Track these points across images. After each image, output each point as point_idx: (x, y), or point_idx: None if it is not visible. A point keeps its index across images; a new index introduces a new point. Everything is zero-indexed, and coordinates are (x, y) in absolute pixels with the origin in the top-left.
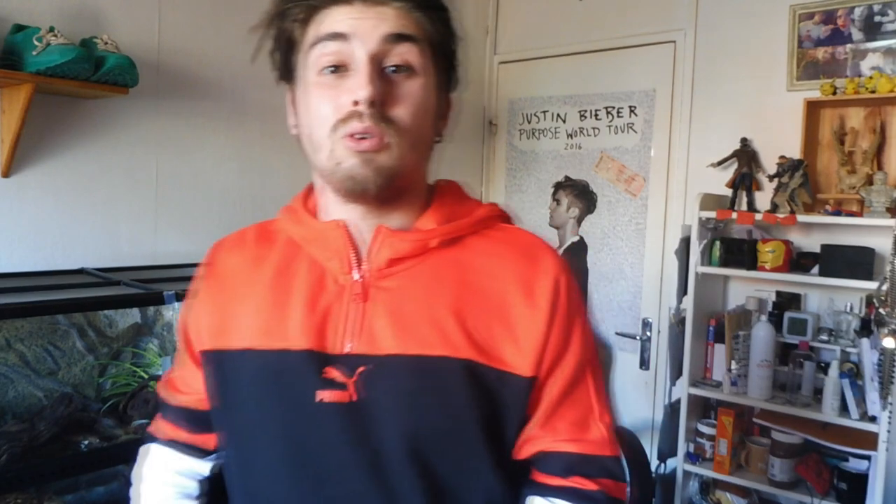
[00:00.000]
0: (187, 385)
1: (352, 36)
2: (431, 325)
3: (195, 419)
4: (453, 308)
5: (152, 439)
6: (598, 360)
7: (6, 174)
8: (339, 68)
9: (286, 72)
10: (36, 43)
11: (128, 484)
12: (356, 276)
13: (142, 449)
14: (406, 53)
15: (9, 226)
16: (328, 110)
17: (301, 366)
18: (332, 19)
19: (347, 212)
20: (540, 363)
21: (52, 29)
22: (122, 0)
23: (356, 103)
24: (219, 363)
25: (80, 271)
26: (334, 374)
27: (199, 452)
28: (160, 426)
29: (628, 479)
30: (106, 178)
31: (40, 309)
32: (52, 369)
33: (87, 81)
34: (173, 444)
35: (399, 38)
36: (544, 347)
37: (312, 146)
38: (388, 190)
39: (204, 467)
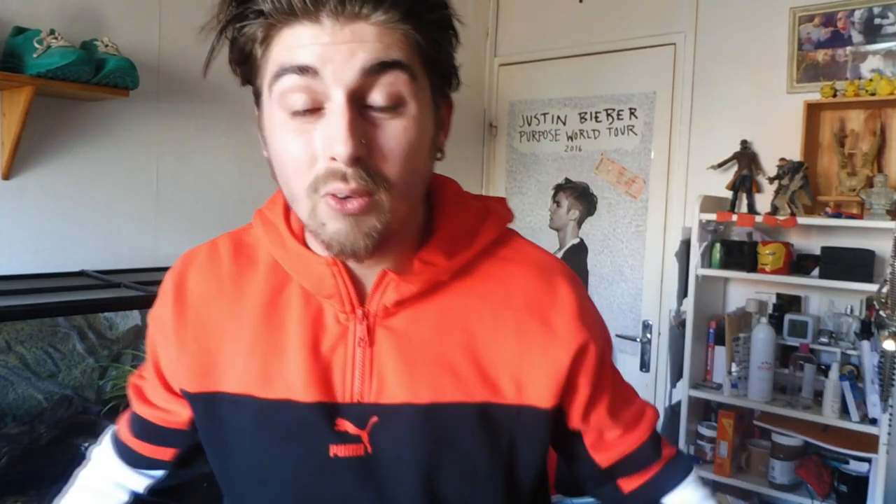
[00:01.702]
0: (152, 397)
1: (321, 69)
2: (443, 369)
3: (152, 433)
4: (465, 345)
5: (114, 432)
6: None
7: (7, 176)
8: (310, 108)
9: (249, 83)
10: (36, 45)
11: None
12: (359, 313)
13: (108, 432)
14: (393, 84)
15: (9, 228)
16: (303, 161)
17: (311, 419)
18: (296, 43)
19: None
20: (562, 393)
21: (52, 31)
22: (122, 2)
23: (334, 158)
24: (210, 406)
25: (81, 273)
26: (346, 426)
27: (144, 462)
28: (122, 424)
29: None
30: (106, 180)
31: (40, 311)
32: (53, 371)
33: (88, 84)
34: (122, 447)
35: (383, 66)
36: (567, 383)
37: (291, 196)
38: (380, 245)
39: (138, 483)
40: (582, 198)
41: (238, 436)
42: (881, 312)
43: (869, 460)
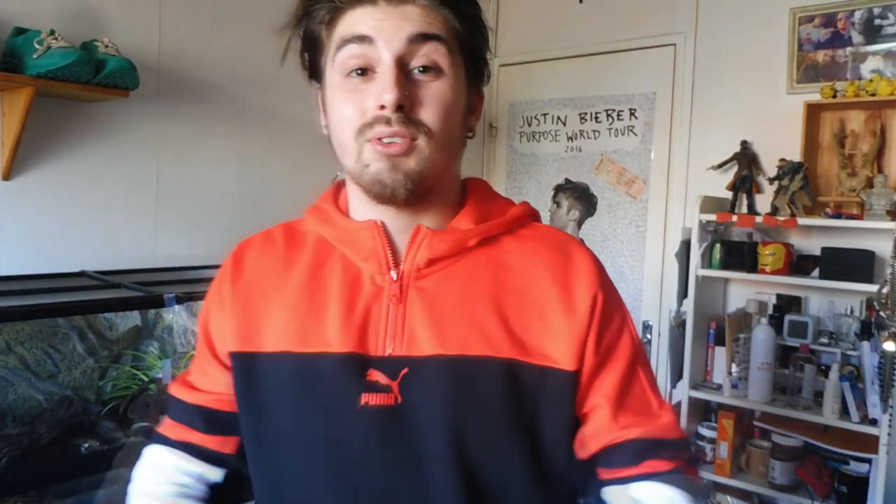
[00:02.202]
0: (206, 385)
1: (376, 38)
2: (471, 325)
3: (211, 420)
4: (492, 306)
5: (160, 439)
6: (644, 354)
7: (7, 177)
8: (364, 71)
9: (315, 72)
10: (36, 46)
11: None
12: (394, 276)
13: (146, 449)
14: (432, 53)
15: (9, 228)
16: (353, 114)
17: (343, 369)
18: (356, 20)
19: (380, 211)
20: (582, 357)
21: (52, 32)
22: (122, 3)
23: (382, 107)
24: (249, 366)
25: (81, 274)
26: (377, 376)
27: (212, 457)
28: (173, 428)
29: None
30: (106, 180)
31: (41, 311)
32: (53, 372)
33: (88, 84)
34: (186, 446)
35: (424, 37)
36: (585, 339)
37: (339, 149)
38: (418, 192)
39: (215, 473)
40: (582, 198)
41: (274, 394)
42: (881, 313)
43: (869, 461)
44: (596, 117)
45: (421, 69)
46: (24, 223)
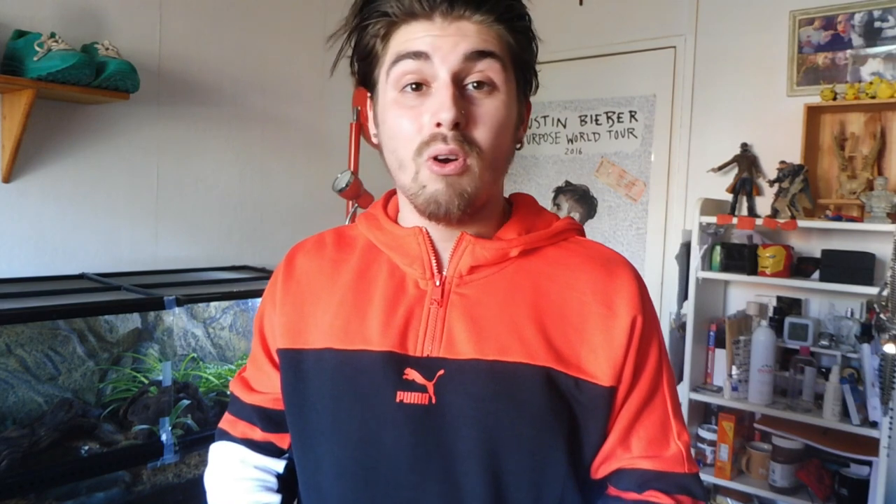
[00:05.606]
0: (262, 385)
1: (432, 54)
2: (510, 332)
3: (269, 419)
4: (531, 315)
5: (224, 436)
6: (673, 377)
7: (7, 180)
8: (419, 86)
9: (366, 82)
10: (37, 49)
11: (129, 490)
12: (437, 281)
13: (213, 446)
14: (487, 70)
15: (10, 231)
16: (411, 130)
17: (381, 366)
18: (413, 36)
19: (427, 221)
20: (619, 376)
21: (53, 35)
22: (123, 6)
23: (439, 125)
24: (295, 362)
25: (81, 276)
26: (414, 375)
27: (274, 451)
28: (234, 424)
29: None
30: (107, 183)
31: (41, 314)
32: (53, 374)
33: (88, 87)
34: (248, 442)
35: (480, 54)
36: (624, 361)
37: (397, 164)
38: (470, 211)
39: (279, 465)
40: (582, 200)
41: (317, 389)
42: (881, 315)
43: (869, 463)
44: (596, 119)
45: (475, 85)
46: (24, 226)
